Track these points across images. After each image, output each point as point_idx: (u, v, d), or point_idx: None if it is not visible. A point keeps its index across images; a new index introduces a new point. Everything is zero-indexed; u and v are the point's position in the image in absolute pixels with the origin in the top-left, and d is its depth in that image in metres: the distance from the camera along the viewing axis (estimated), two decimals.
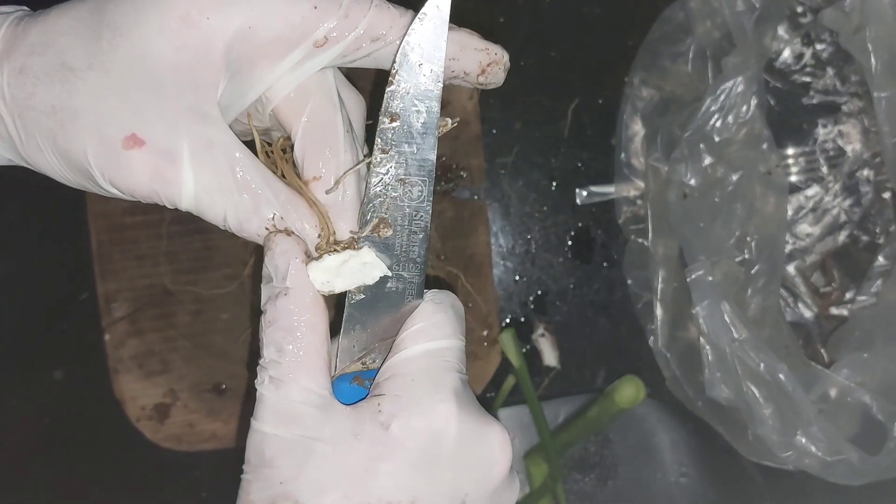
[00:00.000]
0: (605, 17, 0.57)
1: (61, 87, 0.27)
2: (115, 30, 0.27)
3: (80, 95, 0.27)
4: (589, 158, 0.57)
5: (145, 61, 0.27)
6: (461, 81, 0.31)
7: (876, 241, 0.58)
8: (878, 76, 0.49)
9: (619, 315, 0.57)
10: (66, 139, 0.27)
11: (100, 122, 0.27)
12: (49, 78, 0.27)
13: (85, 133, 0.27)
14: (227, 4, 0.26)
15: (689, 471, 0.63)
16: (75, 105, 0.27)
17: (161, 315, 0.53)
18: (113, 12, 0.27)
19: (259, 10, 0.26)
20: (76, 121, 0.27)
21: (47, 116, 0.28)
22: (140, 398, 0.54)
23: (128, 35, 0.27)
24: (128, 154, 0.27)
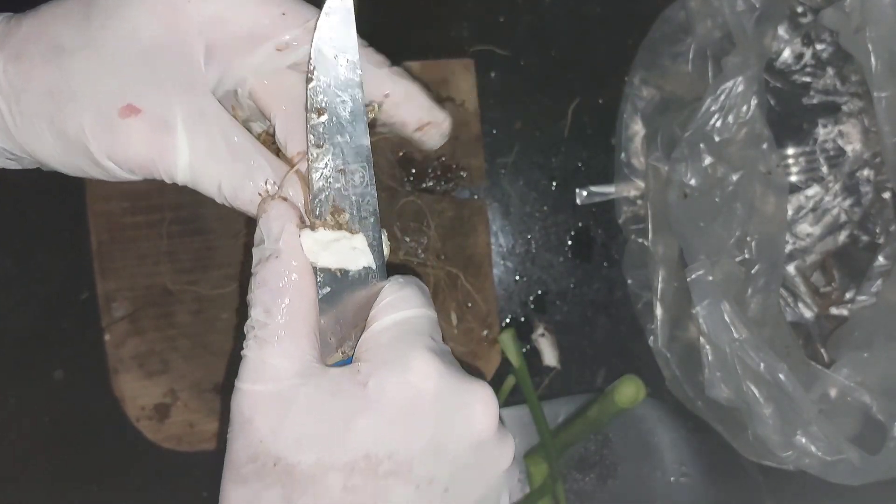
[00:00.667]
0: (605, 16, 0.57)
1: (57, 68, 0.28)
2: (105, 12, 0.28)
3: (75, 74, 0.28)
4: (589, 158, 0.57)
5: (135, 40, 0.28)
6: (397, 129, 0.32)
7: (876, 241, 0.58)
8: (878, 76, 0.49)
9: (619, 315, 0.57)
10: (64, 117, 0.28)
11: (95, 97, 0.28)
12: (45, 60, 0.28)
13: (81, 109, 0.28)
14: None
15: (689, 470, 0.63)
16: (71, 84, 0.28)
17: (161, 315, 0.53)
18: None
19: (233, 4, 0.29)
20: (73, 99, 0.28)
21: (45, 97, 0.28)
22: (140, 398, 0.54)
23: (117, 16, 0.28)
24: (125, 123, 0.28)
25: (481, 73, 0.56)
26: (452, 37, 0.57)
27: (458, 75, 0.54)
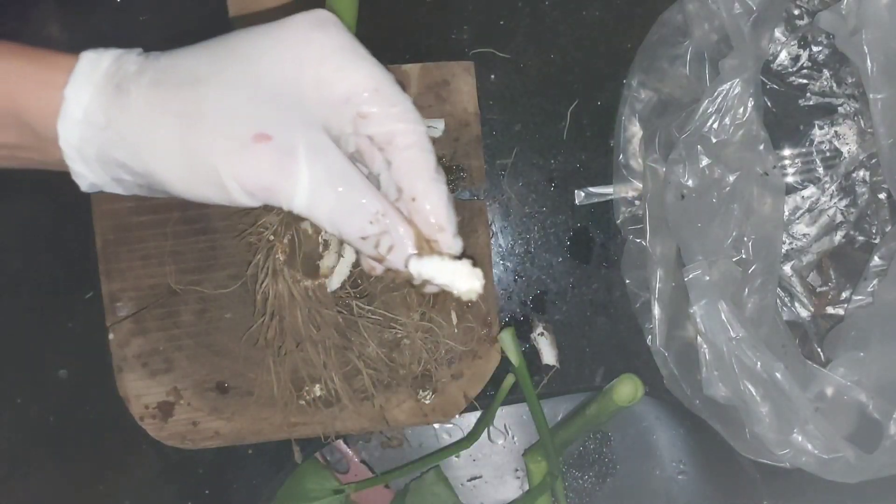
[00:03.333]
0: (604, 19, 0.58)
1: (193, 93, 0.32)
2: (240, 56, 0.33)
3: (209, 100, 0.32)
4: (588, 159, 0.58)
5: (263, 83, 0.32)
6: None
7: (872, 241, 0.58)
8: (874, 78, 0.49)
9: (618, 314, 0.58)
10: (196, 137, 0.32)
11: (230, 122, 0.32)
12: (181, 86, 0.32)
13: (214, 131, 0.32)
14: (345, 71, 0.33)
15: (686, 468, 0.63)
16: (204, 108, 0.32)
17: (165, 314, 0.54)
18: (244, 45, 0.33)
19: (340, 71, 0.34)
20: (205, 121, 0.32)
21: (179, 118, 0.32)
22: (144, 396, 0.54)
23: (251, 61, 0.33)
24: (257, 147, 0.32)
25: (481, 75, 0.56)
26: (453, 39, 0.57)
27: (459, 77, 0.55)
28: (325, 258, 0.49)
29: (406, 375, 0.54)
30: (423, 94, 0.54)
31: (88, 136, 0.33)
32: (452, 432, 0.62)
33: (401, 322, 0.52)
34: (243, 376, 0.54)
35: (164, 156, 0.33)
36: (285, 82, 0.33)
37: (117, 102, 0.32)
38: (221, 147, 0.32)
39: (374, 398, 0.54)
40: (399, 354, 0.53)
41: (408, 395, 0.54)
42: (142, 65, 0.33)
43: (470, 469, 0.63)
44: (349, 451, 0.61)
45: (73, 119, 0.33)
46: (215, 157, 0.32)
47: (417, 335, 0.52)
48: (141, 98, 0.32)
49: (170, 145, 0.32)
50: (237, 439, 0.55)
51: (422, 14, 0.57)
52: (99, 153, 0.33)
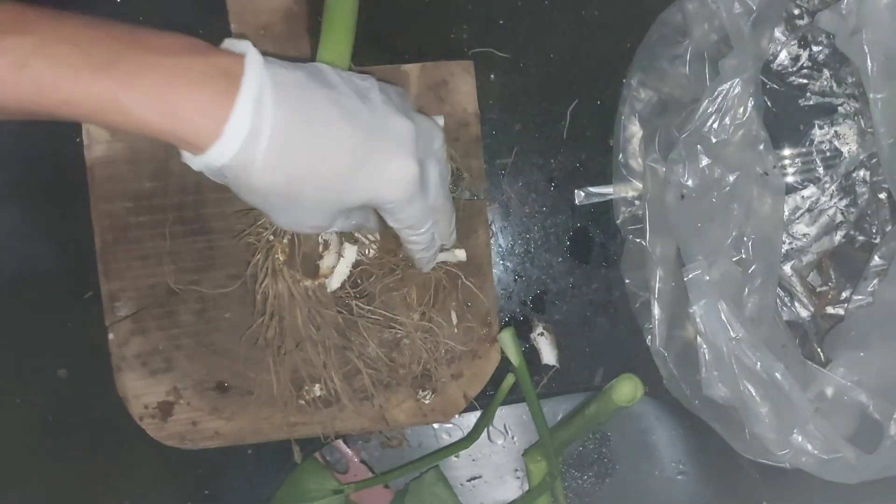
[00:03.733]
0: (603, 19, 0.58)
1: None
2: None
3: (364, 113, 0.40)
4: (587, 159, 0.58)
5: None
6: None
7: (872, 241, 0.58)
8: (874, 78, 0.49)
9: (618, 314, 0.58)
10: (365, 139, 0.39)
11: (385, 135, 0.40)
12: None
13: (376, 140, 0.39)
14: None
15: (686, 468, 0.63)
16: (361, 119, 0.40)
17: (165, 314, 0.54)
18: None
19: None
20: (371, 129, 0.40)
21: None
22: (143, 396, 0.54)
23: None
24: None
25: (481, 75, 0.56)
26: (452, 39, 0.57)
27: (458, 77, 0.55)
28: (326, 258, 0.49)
29: (406, 375, 0.53)
30: (422, 94, 0.54)
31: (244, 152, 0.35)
32: (452, 432, 0.62)
33: (401, 322, 0.52)
34: (243, 376, 0.54)
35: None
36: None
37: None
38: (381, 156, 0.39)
39: (374, 398, 0.54)
40: (399, 354, 0.53)
41: (408, 395, 0.54)
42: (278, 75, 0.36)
43: (470, 469, 0.63)
44: (349, 451, 0.61)
45: (232, 142, 0.34)
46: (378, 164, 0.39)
47: (417, 335, 0.52)
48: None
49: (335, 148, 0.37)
50: (237, 439, 0.55)
51: (421, 14, 0.57)
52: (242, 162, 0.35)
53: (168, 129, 0.34)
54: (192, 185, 0.53)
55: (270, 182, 0.36)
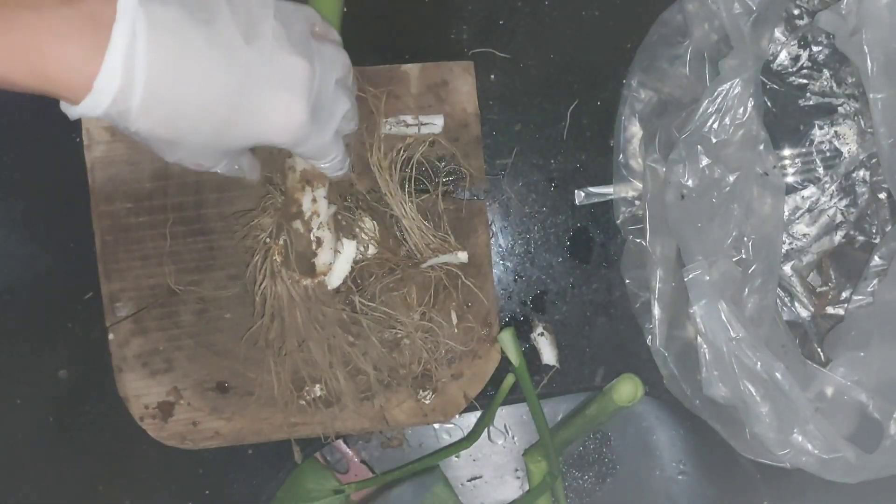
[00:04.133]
0: (603, 19, 0.58)
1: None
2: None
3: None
4: (587, 159, 0.58)
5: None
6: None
7: (872, 241, 0.58)
8: (874, 78, 0.49)
9: (618, 314, 0.58)
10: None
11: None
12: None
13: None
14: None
15: (686, 468, 0.63)
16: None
17: (165, 314, 0.54)
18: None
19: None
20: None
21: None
22: (144, 396, 0.54)
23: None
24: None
25: (481, 75, 0.56)
26: (452, 39, 0.57)
27: (458, 77, 0.55)
28: (321, 255, 0.49)
29: (406, 375, 0.54)
30: (422, 95, 0.54)
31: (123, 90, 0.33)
32: (452, 432, 0.62)
33: (401, 321, 0.52)
34: (243, 376, 0.54)
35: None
36: None
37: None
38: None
39: (376, 398, 0.54)
40: (399, 355, 0.53)
41: (408, 395, 0.54)
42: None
43: (470, 469, 0.63)
44: (349, 451, 0.61)
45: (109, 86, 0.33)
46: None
47: (417, 335, 0.52)
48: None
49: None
50: (237, 439, 0.55)
51: (421, 14, 0.57)
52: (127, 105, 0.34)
53: (36, 86, 0.32)
54: (192, 185, 0.53)
55: (148, 128, 0.35)
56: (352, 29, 0.56)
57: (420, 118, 0.54)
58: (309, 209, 0.47)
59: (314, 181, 0.47)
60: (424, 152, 0.54)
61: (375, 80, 0.53)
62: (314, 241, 0.48)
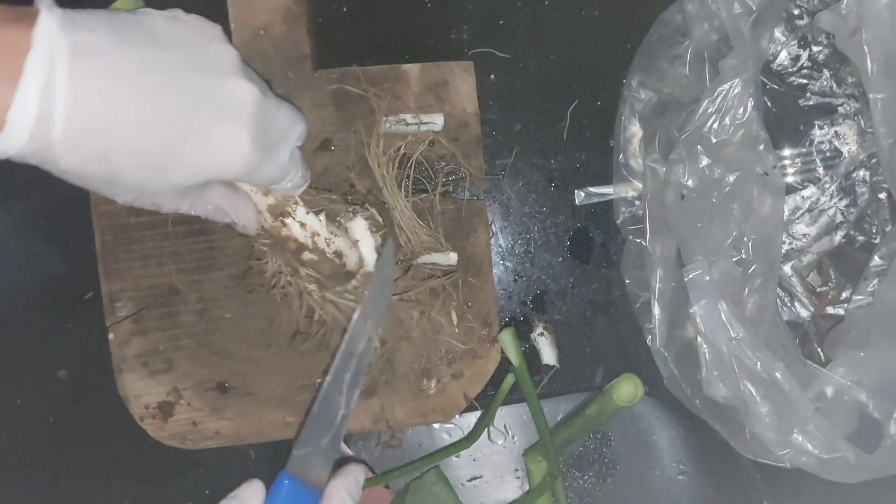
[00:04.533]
0: (603, 19, 0.58)
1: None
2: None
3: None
4: (587, 159, 0.58)
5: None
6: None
7: (872, 241, 0.58)
8: (874, 78, 0.49)
9: (618, 314, 0.58)
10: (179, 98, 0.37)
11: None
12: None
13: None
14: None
15: (686, 468, 0.63)
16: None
17: (165, 314, 0.54)
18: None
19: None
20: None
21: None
22: (144, 396, 0.54)
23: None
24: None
25: (481, 75, 0.56)
26: (452, 39, 0.57)
27: (458, 77, 0.55)
28: (348, 260, 0.48)
29: (407, 373, 0.54)
30: (422, 95, 0.54)
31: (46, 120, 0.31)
32: (452, 432, 0.63)
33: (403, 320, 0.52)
34: (243, 376, 0.54)
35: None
36: None
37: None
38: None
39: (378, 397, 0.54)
40: (399, 354, 0.53)
41: (408, 394, 0.54)
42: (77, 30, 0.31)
43: (470, 469, 0.63)
44: (349, 451, 0.61)
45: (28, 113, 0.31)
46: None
47: (418, 334, 0.52)
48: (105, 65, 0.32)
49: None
50: (237, 439, 0.55)
51: (421, 14, 0.57)
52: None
53: None
54: None
55: (79, 164, 0.33)
56: (352, 29, 0.57)
57: (420, 117, 0.54)
58: (306, 236, 0.46)
59: (286, 208, 0.46)
60: (425, 152, 0.54)
61: (375, 80, 0.53)
62: (333, 256, 0.47)
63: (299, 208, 0.46)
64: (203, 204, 0.40)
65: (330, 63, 0.54)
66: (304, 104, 0.54)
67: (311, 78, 0.54)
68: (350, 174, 0.53)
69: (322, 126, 0.54)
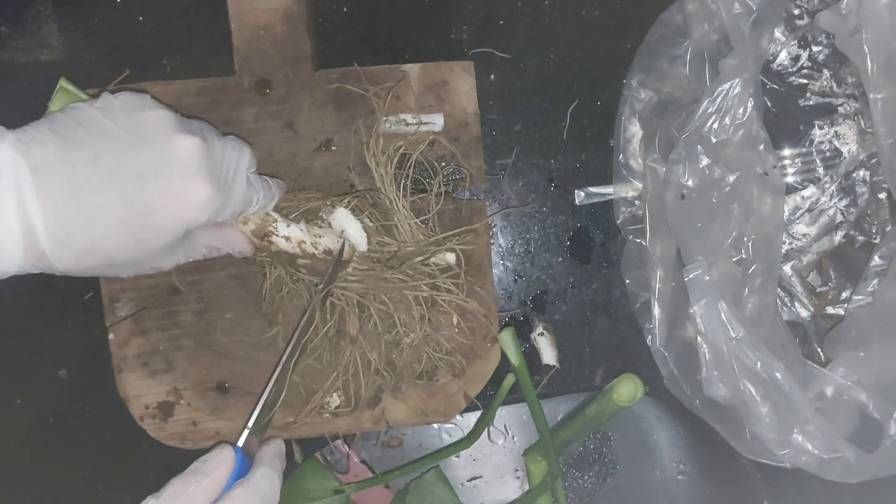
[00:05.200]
0: (603, 19, 0.58)
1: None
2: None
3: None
4: (587, 159, 0.58)
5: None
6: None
7: (872, 241, 0.58)
8: (874, 78, 0.49)
9: (618, 314, 0.58)
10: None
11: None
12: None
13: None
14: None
15: (686, 468, 0.63)
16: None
17: (165, 314, 0.54)
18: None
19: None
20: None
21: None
22: (144, 396, 0.54)
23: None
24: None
25: (481, 75, 0.56)
26: (452, 39, 0.57)
27: (458, 77, 0.55)
28: (338, 251, 0.49)
29: (409, 374, 0.54)
30: (422, 95, 0.54)
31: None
32: (452, 432, 0.63)
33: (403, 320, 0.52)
34: (244, 376, 0.54)
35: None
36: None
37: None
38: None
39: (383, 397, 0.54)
40: (399, 356, 0.53)
41: (409, 395, 0.54)
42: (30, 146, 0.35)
43: (470, 469, 0.63)
44: (349, 451, 0.61)
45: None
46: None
47: (419, 335, 0.52)
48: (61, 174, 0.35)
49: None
50: (238, 440, 0.55)
51: (421, 14, 0.57)
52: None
53: None
54: None
55: (73, 262, 0.36)
56: (352, 29, 0.57)
57: (420, 117, 0.54)
58: (294, 247, 0.48)
59: (268, 228, 0.47)
60: (425, 152, 0.54)
61: (376, 80, 0.53)
62: (324, 255, 0.49)
63: (279, 224, 0.48)
64: (196, 250, 0.44)
65: (330, 63, 0.54)
66: (304, 104, 0.54)
67: (312, 78, 0.54)
68: (350, 174, 0.53)
69: (322, 126, 0.54)
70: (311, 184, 0.54)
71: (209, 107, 0.53)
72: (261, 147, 0.53)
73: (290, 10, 0.53)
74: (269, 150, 0.54)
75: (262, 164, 0.52)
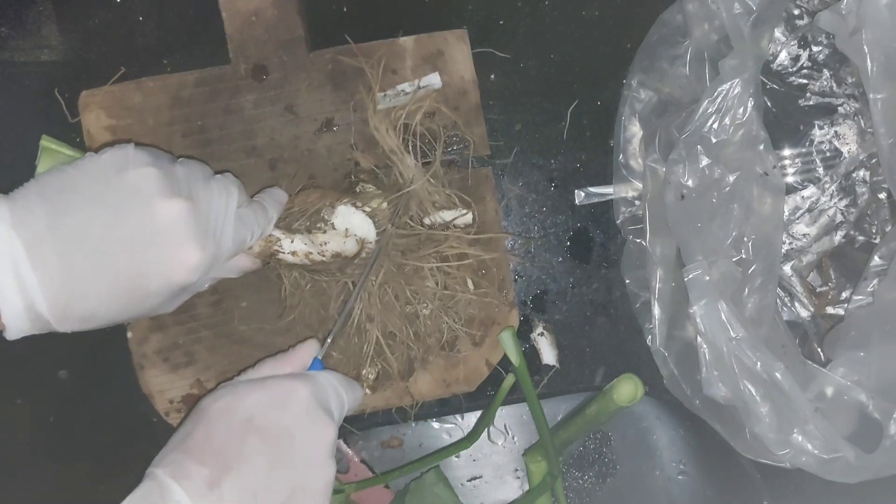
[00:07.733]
0: (604, 19, 0.58)
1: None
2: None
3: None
4: (587, 159, 0.58)
5: None
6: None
7: (872, 241, 0.58)
8: (874, 78, 0.49)
9: (618, 314, 0.58)
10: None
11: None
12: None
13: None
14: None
15: (686, 468, 0.63)
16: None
17: (181, 308, 0.53)
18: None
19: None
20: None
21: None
22: (168, 391, 0.54)
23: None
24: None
25: (481, 75, 0.56)
26: None
27: (453, 46, 0.54)
28: (346, 249, 0.49)
29: (433, 345, 0.53)
30: (419, 66, 0.54)
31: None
32: (452, 432, 0.63)
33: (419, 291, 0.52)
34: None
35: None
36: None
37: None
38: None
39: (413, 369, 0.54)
40: (419, 327, 0.53)
41: (432, 365, 0.54)
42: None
43: (470, 469, 0.63)
44: (349, 451, 0.61)
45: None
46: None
47: (436, 304, 0.52)
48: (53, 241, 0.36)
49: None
50: None
51: (421, 14, 0.57)
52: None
53: None
54: None
55: (77, 324, 0.37)
56: (352, 29, 0.57)
57: (417, 82, 0.54)
58: (302, 259, 0.48)
59: (272, 248, 0.48)
60: (426, 124, 0.53)
61: (371, 55, 0.53)
62: (333, 258, 0.48)
63: (283, 241, 0.48)
64: (199, 286, 0.44)
65: (324, 45, 0.54)
66: (301, 86, 0.53)
67: (307, 59, 0.53)
68: (354, 152, 0.53)
69: (322, 107, 0.54)
70: (316, 165, 0.53)
71: (208, 97, 0.53)
72: (263, 132, 0.53)
73: (285, 8, 0.53)
74: (270, 135, 0.54)
75: (266, 150, 0.52)
